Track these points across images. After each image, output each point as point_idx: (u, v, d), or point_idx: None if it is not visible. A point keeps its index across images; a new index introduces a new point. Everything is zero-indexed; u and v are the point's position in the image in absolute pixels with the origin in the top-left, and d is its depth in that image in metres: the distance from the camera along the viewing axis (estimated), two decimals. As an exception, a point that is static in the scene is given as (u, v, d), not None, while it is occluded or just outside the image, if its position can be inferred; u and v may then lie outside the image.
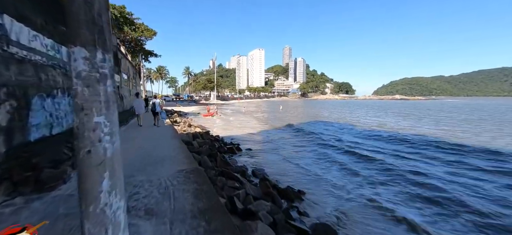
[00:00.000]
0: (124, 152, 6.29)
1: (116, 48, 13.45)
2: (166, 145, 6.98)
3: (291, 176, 8.25)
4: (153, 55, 28.00)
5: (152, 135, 8.86)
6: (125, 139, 7.94)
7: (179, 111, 31.05)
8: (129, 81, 18.13)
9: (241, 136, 16.15)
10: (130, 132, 9.85)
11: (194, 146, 9.56)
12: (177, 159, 5.38)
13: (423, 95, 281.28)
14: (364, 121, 25.94)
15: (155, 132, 9.80)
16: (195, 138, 11.54)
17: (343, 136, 16.23)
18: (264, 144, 13.94)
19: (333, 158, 10.90)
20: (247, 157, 10.81)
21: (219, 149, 10.70)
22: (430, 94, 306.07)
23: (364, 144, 13.49)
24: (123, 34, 20.47)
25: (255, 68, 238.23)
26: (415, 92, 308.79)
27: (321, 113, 39.27)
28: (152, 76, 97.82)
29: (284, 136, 16.43)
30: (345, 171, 8.79)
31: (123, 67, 15.46)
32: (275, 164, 9.74)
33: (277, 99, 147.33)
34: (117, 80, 13.24)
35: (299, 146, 13.37)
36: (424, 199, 6.33)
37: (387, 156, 10.66)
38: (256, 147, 12.86)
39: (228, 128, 19.97)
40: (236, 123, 23.90)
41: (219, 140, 12.78)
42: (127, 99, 16.47)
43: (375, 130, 19.01)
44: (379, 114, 35.15)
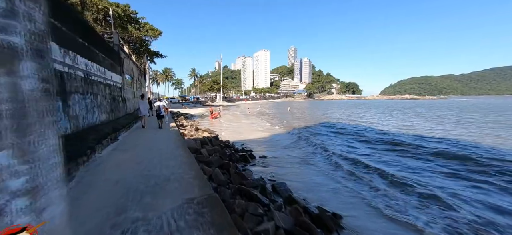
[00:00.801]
0: (118, 170, 4.95)
1: (118, 47, 12.45)
2: (171, 157, 5.80)
3: (316, 191, 6.96)
4: (159, 56, 27.13)
5: (156, 143, 7.71)
6: (123, 149, 6.80)
7: (185, 113, 30.10)
8: (133, 83, 17.17)
9: (252, 141, 14.92)
10: (131, 138, 8.74)
11: (203, 155, 8.37)
12: (184, 180, 4.16)
13: (433, 94, 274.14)
14: (385, 122, 24.28)
15: (159, 137, 8.66)
16: (204, 145, 10.37)
17: (366, 139, 14.77)
18: (278, 149, 12.66)
19: (358, 166, 9.56)
20: (261, 166, 9.56)
21: (231, 157, 9.49)
22: (439, 93, 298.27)
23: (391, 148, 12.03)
24: (127, 33, 19.60)
25: (261, 69, 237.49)
26: (424, 92, 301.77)
27: (332, 114, 37.68)
28: (158, 78, 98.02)
29: (298, 140, 15.10)
30: (379, 185, 7.41)
31: (126, 68, 14.47)
32: (294, 175, 8.45)
33: (283, 101, 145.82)
34: (120, 81, 12.21)
35: (317, 151, 12.02)
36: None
37: (432, 176, 9.20)
38: (270, 153, 11.59)
39: (237, 131, 18.77)
40: (245, 126, 22.69)
41: (229, 146, 11.58)
42: (131, 102, 15.48)
43: (406, 134, 17.44)
44: (396, 116, 33.31)
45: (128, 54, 15.84)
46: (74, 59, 6.19)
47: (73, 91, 6.02)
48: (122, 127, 9.89)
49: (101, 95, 8.57)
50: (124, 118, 12.24)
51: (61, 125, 5.15)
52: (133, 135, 9.51)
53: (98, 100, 8.11)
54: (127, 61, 15.06)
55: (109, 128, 8.38)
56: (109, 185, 3.96)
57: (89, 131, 6.71)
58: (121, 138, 8.60)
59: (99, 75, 8.48)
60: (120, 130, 9.28)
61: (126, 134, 9.66)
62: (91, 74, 7.51)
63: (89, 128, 6.98)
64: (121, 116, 11.96)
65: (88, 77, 7.24)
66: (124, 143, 7.61)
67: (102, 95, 8.76)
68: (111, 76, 10.37)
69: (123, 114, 12.39)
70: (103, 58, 9.17)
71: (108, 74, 9.77)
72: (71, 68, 5.92)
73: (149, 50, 25.58)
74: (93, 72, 7.72)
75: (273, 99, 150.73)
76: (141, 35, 20.82)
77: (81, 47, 6.81)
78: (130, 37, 21.54)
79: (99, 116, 8.09)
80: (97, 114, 7.93)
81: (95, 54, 8.11)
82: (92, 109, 7.36)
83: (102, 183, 4.04)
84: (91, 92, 7.43)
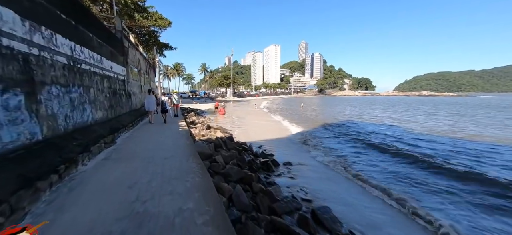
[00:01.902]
0: (97, 199, 2.93)
1: (122, 34, 10.97)
2: (178, 174, 4.18)
3: (371, 218, 5.15)
4: (168, 47, 25.69)
5: (160, 148, 6.14)
6: (118, 157, 5.22)
7: (195, 109, 28.76)
8: (140, 76, 15.78)
9: (270, 142, 13.19)
10: (132, 141, 7.21)
11: (218, 163, 6.70)
12: (196, 228, 2.49)
13: (451, 91, 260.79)
14: (420, 122, 21.81)
15: (165, 140, 7.09)
16: (218, 148, 8.74)
17: (404, 141, 12.66)
18: (301, 154, 10.89)
19: (405, 173, 7.67)
20: (288, 176, 7.82)
21: (251, 165, 7.81)
22: (458, 90, 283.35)
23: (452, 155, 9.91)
24: (135, 22, 18.19)
25: (271, 64, 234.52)
26: (441, 88, 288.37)
27: (350, 111, 35.21)
28: (169, 73, 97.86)
29: (322, 141, 13.23)
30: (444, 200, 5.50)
31: (132, 59, 13.02)
32: (332, 192, 6.67)
33: (293, 96, 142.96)
34: (123, 73, 10.76)
35: (350, 155, 10.12)
36: None
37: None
38: (294, 158, 9.82)
39: (252, 130, 17.08)
40: (259, 124, 20.96)
41: (247, 149, 9.90)
42: (137, 97, 14.09)
43: (452, 137, 15.15)
44: (423, 113, 30.51)
45: (135, 44, 14.41)
46: (51, 39, 4.63)
47: (49, 82, 4.47)
48: (123, 126, 8.41)
49: (96, 89, 7.07)
50: (128, 115, 10.81)
51: (23, 128, 3.61)
52: (136, 136, 7.99)
53: (91, 95, 6.60)
54: (133, 51, 13.62)
55: (105, 128, 6.88)
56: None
57: (74, 134, 5.19)
58: (120, 140, 7.09)
59: (93, 64, 6.96)
60: (120, 130, 7.79)
61: (127, 135, 8.16)
62: (80, 62, 5.98)
63: (77, 130, 5.46)
64: (124, 113, 10.53)
65: (75, 65, 5.70)
66: (120, 149, 6.06)
67: (98, 89, 7.26)
68: (111, 66, 8.89)
69: (126, 110, 10.96)
70: (99, 44, 7.65)
71: (106, 64, 8.27)
72: (44, 51, 4.36)
73: (158, 42, 24.18)
74: (83, 60, 6.19)
75: (283, 95, 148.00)
76: (149, 25, 19.35)
77: (65, 26, 5.25)
78: (138, 27, 20.17)
79: (92, 114, 6.59)
80: (90, 112, 6.43)
81: (87, 38, 6.57)
82: (81, 106, 5.85)
83: (60, 231, 2.43)
84: (80, 84, 5.91)
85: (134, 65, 13.62)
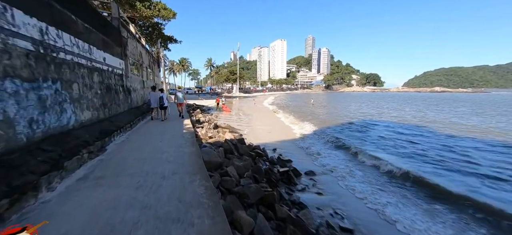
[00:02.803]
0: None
1: (119, 22, 9.67)
2: (180, 214, 2.85)
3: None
4: (173, 40, 24.36)
5: (158, 158, 4.84)
6: (99, 176, 3.92)
7: (201, 106, 27.55)
8: (142, 70, 14.54)
9: (284, 144, 11.80)
10: (126, 148, 5.94)
11: (231, 177, 5.36)
12: None
13: (463, 87, 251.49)
14: (450, 120, 19.95)
15: (166, 148, 5.79)
16: (228, 155, 7.40)
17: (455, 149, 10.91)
18: (324, 159, 9.44)
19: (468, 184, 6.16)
20: (314, 190, 6.44)
21: (269, 177, 6.45)
22: (470, 86, 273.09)
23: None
24: (136, 12, 16.90)
25: (277, 59, 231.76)
26: (452, 84, 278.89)
27: (367, 108, 33.29)
28: (174, 68, 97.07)
29: (345, 143, 11.74)
30: None
31: (132, 51, 11.75)
32: (380, 216, 5.23)
33: (300, 92, 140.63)
34: (120, 67, 9.50)
35: (390, 162, 8.61)
36: None
37: None
38: (317, 167, 8.41)
39: (262, 129, 15.70)
40: (268, 121, 19.55)
41: (262, 155, 8.52)
42: (138, 93, 12.86)
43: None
44: (448, 111, 28.44)
45: (135, 35, 13.13)
46: (4, 14, 3.33)
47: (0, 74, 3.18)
48: (119, 128, 7.15)
49: (82, 84, 5.80)
50: (127, 114, 9.58)
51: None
52: (132, 140, 6.72)
53: (74, 91, 5.32)
54: (133, 42, 12.34)
55: (93, 132, 5.62)
56: None
57: (44, 144, 3.91)
58: (111, 147, 5.83)
59: (77, 53, 5.67)
60: (113, 134, 6.53)
61: (123, 138, 6.91)
62: (56, 50, 4.68)
63: (49, 138, 4.19)
64: (122, 112, 9.29)
65: (48, 53, 4.40)
66: (109, 161, 4.78)
67: (85, 84, 5.98)
68: (104, 58, 7.60)
69: (124, 109, 9.73)
70: (87, 30, 6.36)
71: (97, 55, 6.98)
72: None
73: (163, 35, 22.89)
74: (61, 47, 4.89)
75: (290, 91, 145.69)
76: (152, 15, 18.02)
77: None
78: (140, 19, 18.91)
79: (75, 115, 5.32)
80: (72, 112, 5.16)
81: (67, 20, 5.27)
82: (57, 106, 4.57)
83: None
84: (56, 78, 4.62)
85: (134, 58, 12.36)
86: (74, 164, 4.09)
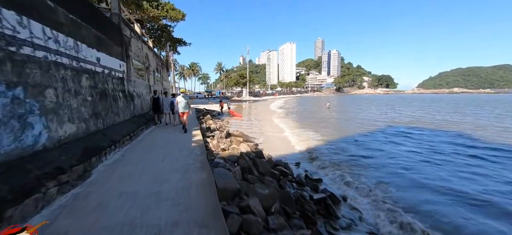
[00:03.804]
0: None
1: (119, 18, 8.49)
2: None
3: None
4: (182, 43, 23.36)
5: (152, 211, 3.44)
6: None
7: (211, 111, 26.34)
8: (149, 74, 13.42)
9: (305, 155, 10.22)
10: (114, 178, 4.59)
11: (255, 215, 3.86)
12: None
13: (482, 87, 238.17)
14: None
15: (167, 177, 4.39)
16: (246, 173, 5.90)
17: None
18: (360, 174, 7.74)
19: None
20: (364, 229, 4.81)
21: (302, 207, 4.91)
22: (490, 86, 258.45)
23: None
24: (143, 12, 15.91)
25: (286, 63, 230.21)
26: (470, 85, 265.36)
27: (391, 112, 30.84)
28: (185, 73, 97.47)
29: (380, 157, 9.97)
30: None
31: (135, 52, 10.58)
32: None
33: (311, 95, 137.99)
34: (120, 69, 8.29)
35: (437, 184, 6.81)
36: None
37: None
38: (352, 191, 6.72)
39: (278, 136, 14.13)
40: (283, 128, 17.93)
41: (287, 173, 6.95)
42: (144, 99, 11.68)
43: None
44: (494, 116, 25.75)
45: (141, 36, 12.02)
46: None
47: None
48: (113, 142, 5.85)
49: (62, 89, 4.51)
50: (129, 123, 8.32)
51: None
52: (127, 161, 5.36)
53: (47, 99, 4.02)
54: (138, 43, 11.20)
55: (74, 152, 4.29)
56: None
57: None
58: (99, 170, 4.49)
59: (56, 50, 4.39)
60: (105, 150, 5.22)
61: (117, 156, 5.58)
62: (16, 42, 3.39)
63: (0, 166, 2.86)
64: (122, 121, 8.03)
65: (2, 47, 3.11)
66: (80, 204, 3.37)
67: (68, 89, 4.69)
68: (98, 58, 6.36)
69: (125, 117, 8.47)
70: (73, 22, 5.11)
71: (88, 54, 5.73)
72: None
73: (172, 37, 21.94)
74: (26, 40, 3.60)
75: (300, 94, 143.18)
76: (160, 15, 16.99)
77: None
78: (148, 21, 17.99)
79: (49, 131, 4.01)
80: (43, 128, 3.84)
81: (39, 5, 4.01)
82: (15, 121, 3.25)
83: None
84: (16, 81, 3.32)
85: (139, 60, 11.20)
86: (27, 208, 2.72)
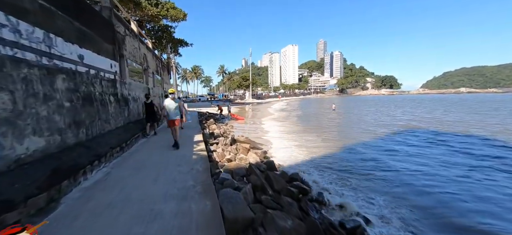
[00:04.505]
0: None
1: (111, 12, 7.49)
2: None
3: None
4: (184, 44, 22.44)
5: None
6: None
7: (214, 114, 25.33)
8: (148, 76, 12.43)
9: (317, 165, 9.07)
10: (87, 211, 3.54)
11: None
12: None
13: (488, 87, 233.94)
14: None
15: (160, 209, 3.33)
16: (259, 193, 4.79)
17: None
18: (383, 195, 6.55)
19: None
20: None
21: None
22: (495, 85, 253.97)
23: None
24: (142, 11, 15.01)
25: (288, 65, 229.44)
26: (475, 84, 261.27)
27: (403, 113, 29.40)
28: (187, 76, 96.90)
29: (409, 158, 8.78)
30: None
31: (130, 51, 9.59)
32: None
33: (314, 97, 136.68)
34: (111, 70, 7.27)
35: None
36: None
37: None
38: (382, 225, 5.53)
39: (286, 143, 13.01)
40: (289, 132, 16.79)
41: (307, 191, 5.82)
42: (141, 103, 10.67)
43: None
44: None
45: (138, 34, 11.04)
46: None
47: None
48: (97, 157, 4.80)
49: (23, 93, 3.48)
50: (120, 132, 7.28)
51: None
52: (111, 182, 4.28)
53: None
54: (134, 42, 10.21)
55: (38, 175, 3.24)
56: None
57: None
58: (69, 201, 3.43)
59: (12, 41, 3.37)
60: (85, 169, 4.17)
61: (100, 175, 4.51)
62: None
63: None
64: (113, 129, 6.99)
65: None
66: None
67: (33, 93, 3.66)
68: (81, 55, 5.34)
69: (118, 124, 7.43)
70: (43, 8, 4.10)
71: (65, 49, 4.70)
72: None
73: (173, 38, 21.03)
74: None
75: (303, 96, 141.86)
76: (160, 14, 16.05)
77: None
78: (148, 21, 17.09)
79: (6, 148, 2.96)
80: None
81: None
82: None
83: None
84: None
85: (135, 60, 10.21)
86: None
